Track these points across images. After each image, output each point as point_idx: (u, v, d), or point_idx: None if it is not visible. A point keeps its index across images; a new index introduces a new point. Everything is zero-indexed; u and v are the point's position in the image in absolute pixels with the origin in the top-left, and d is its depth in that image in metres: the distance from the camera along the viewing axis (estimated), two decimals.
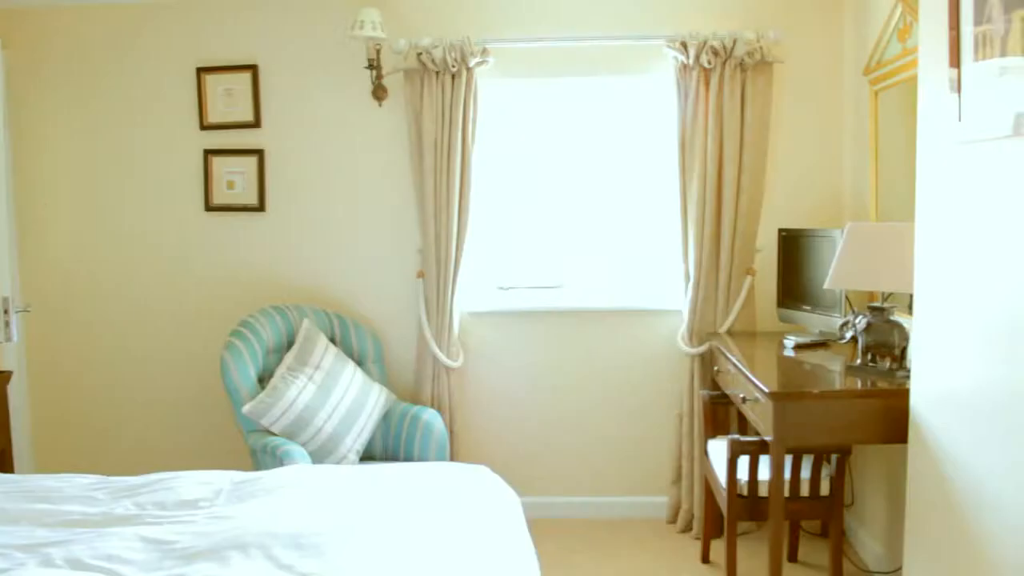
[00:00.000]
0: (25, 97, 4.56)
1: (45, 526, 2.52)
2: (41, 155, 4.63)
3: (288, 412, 3.74)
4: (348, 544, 2.28)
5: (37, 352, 4.69)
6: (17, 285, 4.27)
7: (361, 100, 4.36)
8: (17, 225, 4.54)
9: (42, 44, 4.57)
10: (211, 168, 4.51)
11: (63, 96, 4.60)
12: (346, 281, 4.51)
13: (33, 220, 4.66)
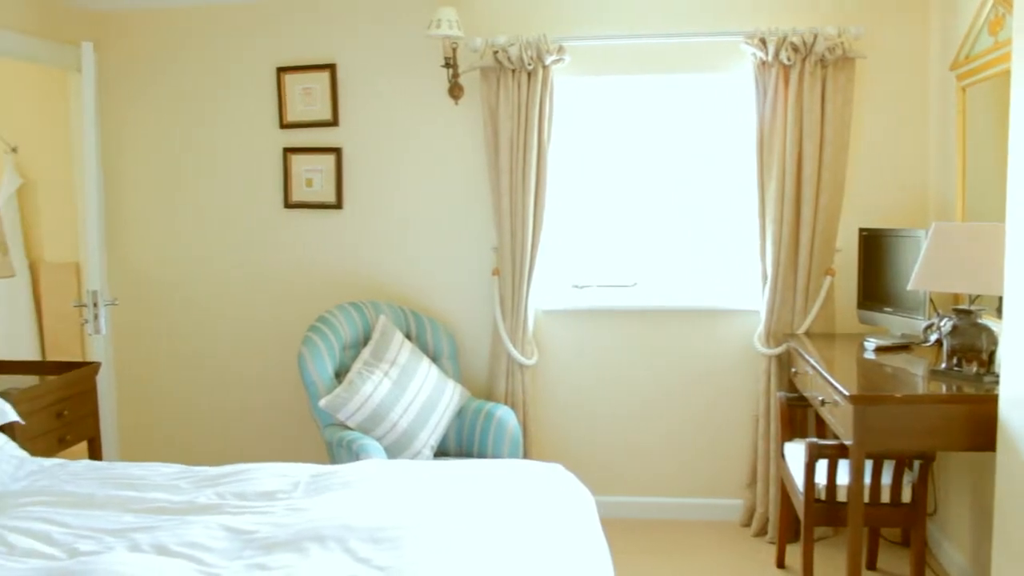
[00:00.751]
0: (114, 97, 4.71)
1: (132, 512, 2.60)
2: (128, 154, 4.78)
3: (364, 407, 3.79)
4: (424, 539, 2.30)
5: (123, 344, 4.84)
6: (105, 280, 4.40)
7: (437, 98, 4.39)
8: (105, 222, 4.69)
9: (131, 46, 4.71)
10: (290, 166, 4.60)
11: (149, 96, 4.73)
12: (422, 278, 4.55)
13: (120, 217, 4.81)
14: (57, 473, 3.00)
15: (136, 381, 4.88)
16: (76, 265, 5.20)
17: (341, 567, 2.17)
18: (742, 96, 4.22)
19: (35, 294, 5.42)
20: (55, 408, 3.69)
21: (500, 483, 2.79)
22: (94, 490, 2.77)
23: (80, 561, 2.19)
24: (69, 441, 3.79)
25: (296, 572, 2.14)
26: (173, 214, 4.78)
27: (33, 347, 5.36)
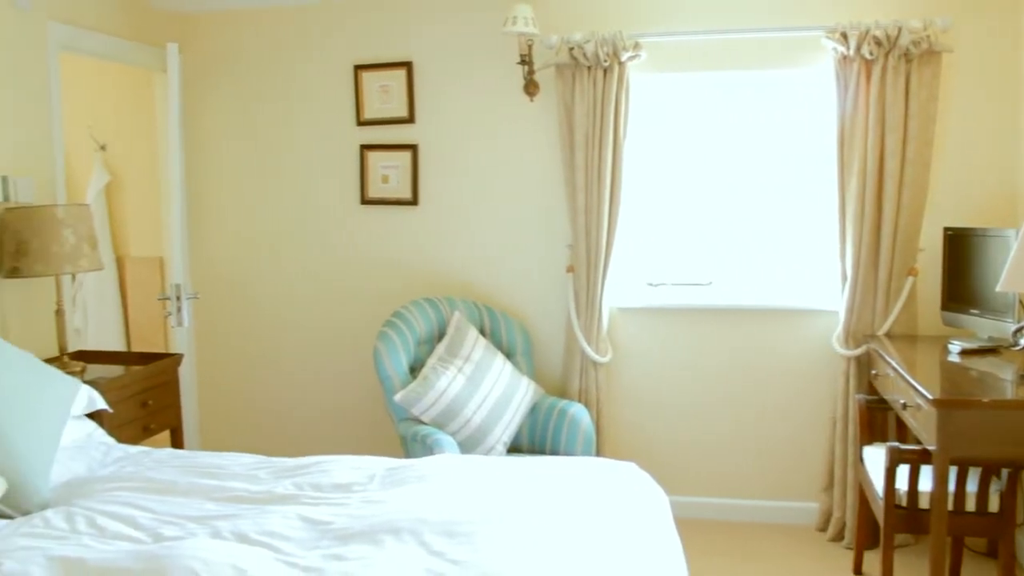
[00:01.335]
0: (197, 97, 4.83)
1: (213, 500, 2.66)
2: (210, 152, 4.90)
3: (438, 402, 3.82)
4: (498, 534, 2.31)
5: (204, 337, 4.97)
6: (188, 274, 4.51)
7: (513, 95, 4.40)
8: (188, 218, 4.82)
9: (214, 47, 4.83)
10: (367, 163, 4.66)
11: (231, 95, 4.84)
12: (496, 274, 4.57)
13: (202, 212, 4.93)
14: (142, 460, 3.09)
15: (215, 372, 5.01)
16: (160, 260, 5.35)
17: (416, 560, 2.19)
18: (821, 92, 4.14)
19: (121, 287, 5.59)
20: (140, 397, 3.81)
21: (574, 481, 2.79)
22: (177, 478, 2.84)
23: (165, 546, 2.25)
24: (153, 430, 3.90)
25: (372, 563, 2.17)
26: (253, 210, 4.88)
27: (119, 338, 5.53)
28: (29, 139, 3.88)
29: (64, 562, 2.18)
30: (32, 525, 2.48)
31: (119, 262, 5.58)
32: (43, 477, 2.71)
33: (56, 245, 3.54)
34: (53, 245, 3.54)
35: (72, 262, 3.60)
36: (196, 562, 2.11)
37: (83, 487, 2.79)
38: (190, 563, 2.11)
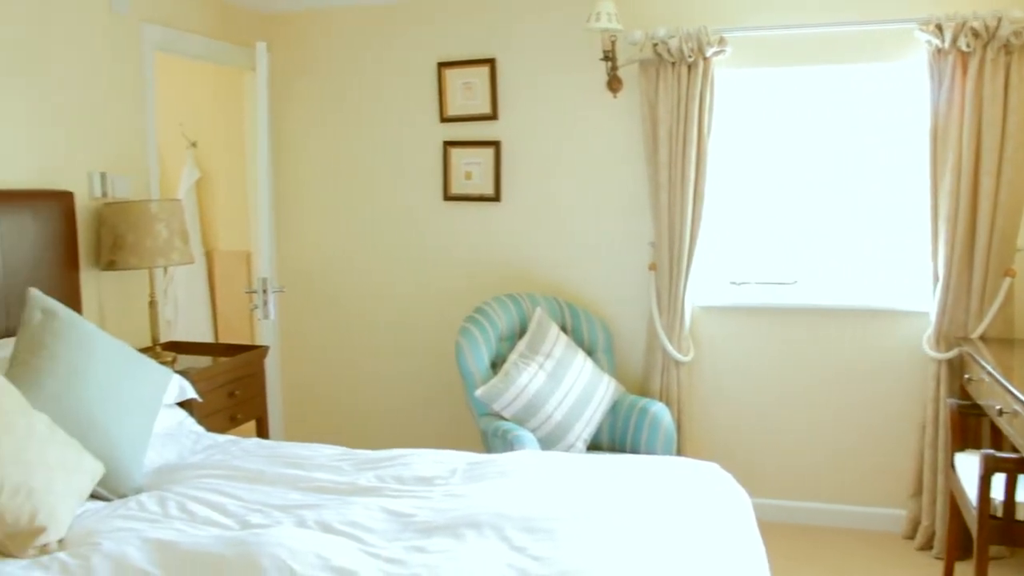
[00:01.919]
0: (285, 95, 4.93)
1: (298, 490, 2.71)
2: (296, 148, 4.99)
3: (519, 398, 3.83)
4: (579, 531, 2.30)
5: (289, 330, 5.07)
6: (274, 268, 4.61)
7: (596, 92, 4.37)
8: (274, 213, 4.92)
9: (300, 45, 4.92)
10: (450, 159, 4.69)
11: (317, 92, 4.93)
12: (578, 271, 4.56)
13: (288, 208, 5.03)
14: (230, 449, 3.17)
15: (299, 365, 5.10)
16: (247, 254, 5.48)
17: (497, 554, 2.20)
18: (913, 86, 4.02)
19: (210, 280, 5.74)
20: (227, 388, 3.90)
21: (655, 479, 2.76)
22: (263, 467, 2.90)
23: (252, 533, 2.29)
24: (239, 419, 3.99)
25: (454, 557, 2.18)
26: (338, 206, 4.96)
27: (207, 330, 5.68)
28: (125, 137, 4.01)
29: (158, 544, 2.24)
30: (128, 508, 2.57)
31: (208, 256, 5.73)
32: (138, 462, 2.80)
33: (150, 239, 3.65)
34: (147, 239, 3.65)
35: (165, 255, 3.71)
36: (282, 550, 2.15)
37: (174, 473, 2.88)
38: (277, 551, 2.15)
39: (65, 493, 2.42)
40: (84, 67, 3.77)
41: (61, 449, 2.49)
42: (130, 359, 2.98)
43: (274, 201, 4.95)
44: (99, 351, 2.84)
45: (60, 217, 3.54)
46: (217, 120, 5.63)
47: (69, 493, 2.44)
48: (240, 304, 5.56)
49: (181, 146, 5.70)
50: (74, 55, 3.71)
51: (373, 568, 2.12)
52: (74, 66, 3.71)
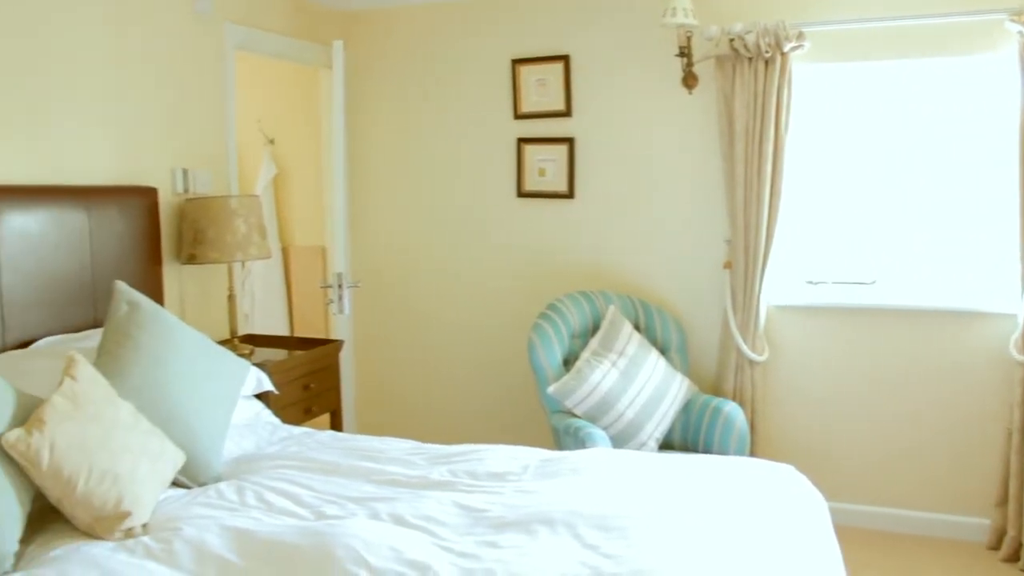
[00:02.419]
0: (360, 92, 4.99)
1: (372, 483, 2.74)
2: (371, 145, 5.05)
3: (591, 395, 3.82)
4: (652, 530, 2.28)
5: (363, 324, 5.13)
6: (349, 263, 4.67)
7: (670, 88, 4.33)
8: (350, 209, 4.98)
9: (375, 43, 4.98)
10: (524, 156, 4.69)
11: (392, 89, 4.98)
12: (652, 268, 4.52)
13: (363, 204, 5.09)
14: (305, 441, 3.22)
15: (372, 359, 5.17)
16: (322, 249, 5.56)
17: (569, 551, 2.19)
18: (1003, 79, 3.88)
19: (286, 275, 5.84)
20: (303, 380, 3.96)
21: (728, 480, 2.73)
22: (338, 459, 2.94)
23: (327, 524, 2.33)
24: (314, 412, 4.06)
25: (526, 553, 2.18)
26: (411, 202, 5.00)
27: (283, 323, 5.78)
28: (207, 134, 4.11)
29: (236, 532, 2.29)
30: (207, 496, 2.63)
31: (284, 251, 5.83)
32: (217, 452, 2.86)
33: (230, 234, 3.73)
34: (227, 234, 3.72)
35: (243, 250, 3.78)
36: (357, 541, 2.18)
37: (252, 463, 2.93)
38: (351, 542, 2.17)
39: (149, 480, 2.49)
40: (169, 67, 3.87)
41: (145, 437, 2.56)
42: (210, 351, 3.05)
43: (349, 197, 5.02)
44: (181, 343, 2.91)
45: (144, 212, 3.64)
46: (294, 117, 5.73)
47: (152, 480, 2.51)
48: (315, 298, 5.65)
49: (259, 143, 5.81)
50: (160, 55, 3.81)
51: (446, 562, 2.13)
52: (159, 66, 3.82)
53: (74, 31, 3.41)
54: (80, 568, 2.13)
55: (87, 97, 3.48)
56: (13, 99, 3.18)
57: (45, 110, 3.30)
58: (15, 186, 3.14)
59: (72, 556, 2.21)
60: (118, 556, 2.21)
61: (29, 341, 3.13)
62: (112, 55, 3.58)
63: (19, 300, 3.10)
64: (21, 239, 3.10)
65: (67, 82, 3.39)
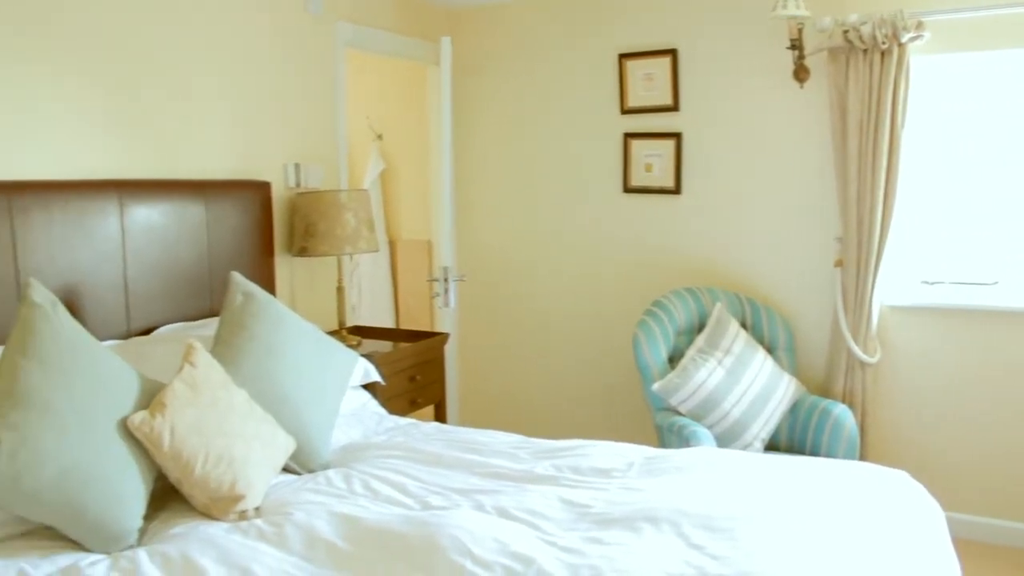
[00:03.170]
0: (466, 87, 5.04)
1: (476, 475, 2.76)
2: (477, 140, 5.09)
3: (696, 393, 3.77)
4: (759, 532, 2.23)
5: (467, 317, 5.19)
6: (455, 257, 4.72)
7: (781, 81, 4.24)
8: (455, 203, 5.04)
9: (482, 38, 5.02)
10: (630, 151, 4.66)
11: (498, 85, 5.01)
12: (759, 266, 4.43)
13: (469, 199, 5.14)
14: (411, 432, 3.27)
15: (476, 352, 5.21)
16: (428, 243, 5.64)
17: (674, 550, 2.17)
18: None
19: (392, 268, 5.95)
20: (408, 372, 4.02)
21: (838, 485, 2.65)
22: (442, 451, 2.98)
23: (433, 514, 2.36)
24: (419, 404, 4.12)
25: (630, 550, 2.17)
26: (517, 197, 5.03)
27: (389, 315, 5.89)
28: (318, 130, 4.21)
29: (344, 518, 2.34)
30: (316, 482, 2.69)
31: (391, 244, 5.94)
32: (326, 440, 2.93)
33: (339, 227, 3.81)
34: (337, 227, 3.81)
35: (352, 243, 3.86)
36: (462, 532, 2.20)
37: (359, 452, 2.99)
38: (456, 532, 2.20)
39: (261, 465, 2.57)
40: (283, 66, 3.98)
41: (258, 424, 2.64)
42: (321, 342, 3.13)
43: (455, 192, 5.07)
44: (293, 333, 2.99)
45: (258, 206, 3.76)
46: (401, 113, 5.82)
47: (265, 465, 2.59)
48: (420, 291, 5.74)
49: (367, 138, 5.92)
50: (274, 56, 3.93)
51: (550, 556, 2.13)
52: (274, 66, 3.93)
53: (194, 36, 3.55)
54: (198, 546, 2.21)
55: (206, 97, 3.61)
56: (139, 101, 3.33)
57: (167, 110, 3.45)
58: (140, 180, 3.28)
59: (190, 534, 2.30)
60: (232, 537, 2.29)
61: (151, 328, 3.27)
62: (230, 57, 3.71)
63: (142, 289, 3.24)
64: (145, 232, 3.24)
65: (188, 83, 3.53)
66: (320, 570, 2.13)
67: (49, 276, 2.88)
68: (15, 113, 2.91)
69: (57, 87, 3.03)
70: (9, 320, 2.54)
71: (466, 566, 2.08)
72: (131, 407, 2.42)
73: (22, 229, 2.83)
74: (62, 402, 2.27)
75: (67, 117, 3.07)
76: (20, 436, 2.18)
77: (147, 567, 2.12)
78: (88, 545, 2.25)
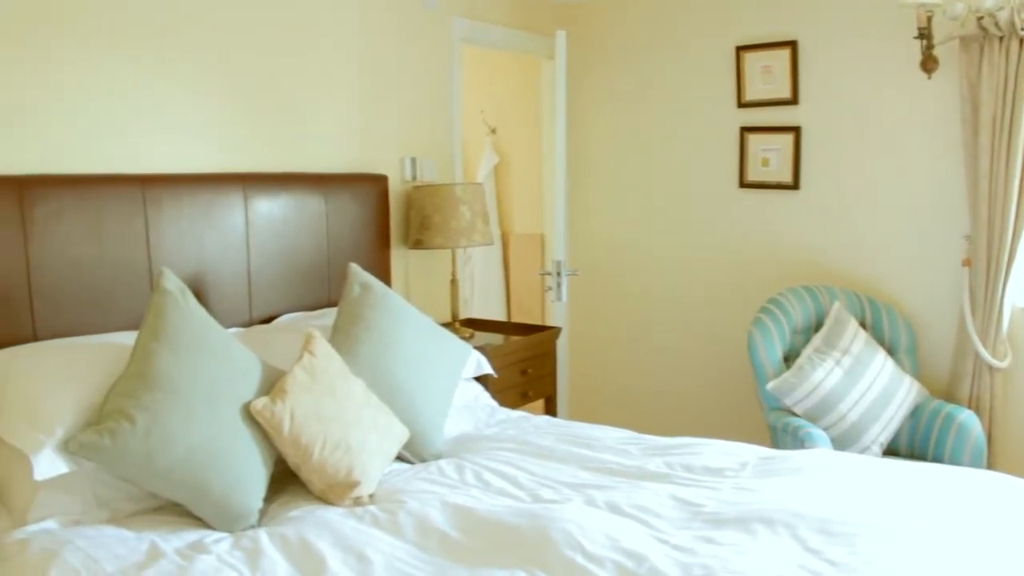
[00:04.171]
0: (580, 81, 5.03)
1: (587, 470, 2.75)
2: (591, 134, 5.08)
3: (812, 394, 3.68)
4: (879, 539, 2.16)
5: (578, 312, 5.18)
6: (567, 251, 4.72)
7: (907, 73, 4.07)
8: (569, 197, 5.04)
9: (596, 32, 5.01)
10: (746, 145, 4.57)
11: (611, 78, 4.99)
12: (880, 264, 4.28)
13: (582, 193, 5.14)
14: (522, 425, 3.29)
15: (586, 347, 5.21)
16: (541, 236, 5.65)
17: (790, 554, 2.11)
18: None
19: (505, 261, 5.99)
20: (520, 366, 4.05)
21: (965, 494, 2.53)
22: (553, 444, 2.98)
23: (544, 507, 2.37)
24: (530, 397, 4.14)
25: (744, 552, 2.13)
26: (630, 191, 5.00)
27: (500, 308, 5.94)
28: (434, 124, 4.27)
29: (457, 509, 2.37)
30: (429, 472, 2.74)
31: (504, 238, 5.98)
32: (439, 430, 2.98)
33: (454, 220, 3.86)
34: (452, 220, 3.86)
35: (467, 236, 3.90)
36: (573, 526, 2.20)
37: (471, 443, 3.03)
38: (568, 526, 2.20)
39: (376, 453, 2.62)
40: (400, 62, 4.06)
41: (374, 412, 2.70)
42: (435, 333, 3.17)
43: (569, 186, 5.07)
44: (408, 324, 3.05)
45: (376, 199, 3.83)
46: (515, 107, 5.85)
47: (379, 453, 2.64)
48: (532, 285, 5.76)
49: (481, 132, 5.97)
50: (392, 50, 4.01)
51: (662, 554, 2.11)
52: (391, 60, 4.01)
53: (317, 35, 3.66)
54: (315, 529, 2.27)
55: (328, 92, 3.72)
56: (263, 97, 3.46)
57: (289, 105, 3.57)
58: (263, 173, 3.40)
59: (308, 518, 2.37)
60: (348, 522, 2.34)
61: (271, 317, 3.38)
62: (350, 54, 3.81)
63: (264, 279, 3.36)
64: (267, 223, 3.35)
65: (310, 79, 3.64)
66: (432, 558, 2.17)
67: (178, 264, 3.01)
68: (148, 111, 3.05)
69: (187, 85, 3.17)
70: (143, 306, 2.66)
71: (577, 560, 2.07)
72: (253, 392, 2.51)
73: (154, 219, 2.97)
74: (190, 385, 2.38)
75: (195, 113, 3.21)
76: (152, 416, 2.29)
77: (267, 547, 2.20)
78: (212, 523, 2.35)
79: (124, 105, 2.98)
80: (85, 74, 2.87)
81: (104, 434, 2.24)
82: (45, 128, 2.78)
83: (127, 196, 2.90)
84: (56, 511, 2.30)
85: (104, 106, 2.93)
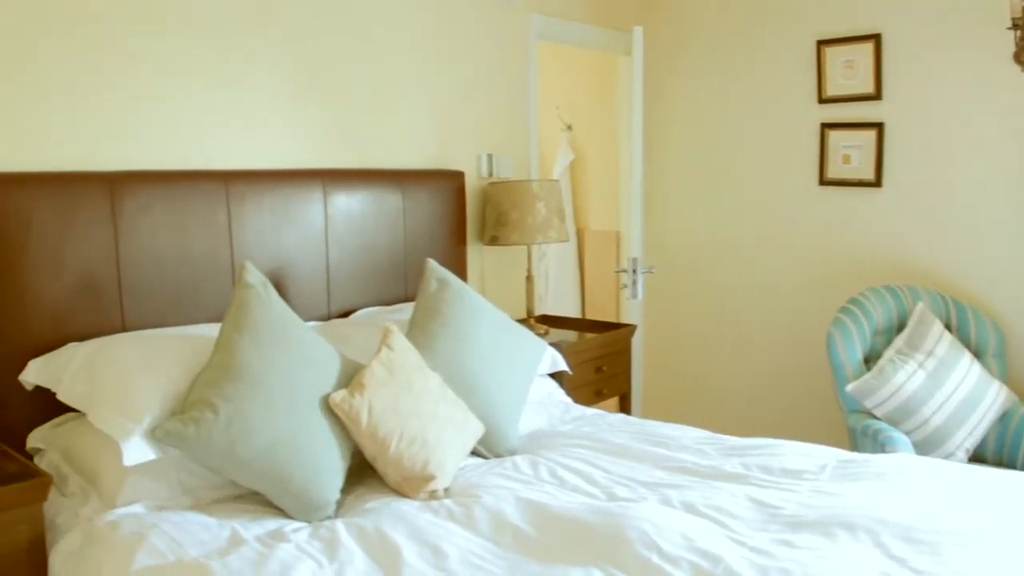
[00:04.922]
0: (657, 77, 4.99)
1: (662, 469, 2.73)
2: (668, 130, 5.03)
3: (894, 397, 3.59)
4: (967, 550, 2.09)
5: (654, 310, 5.15)
6: (643, 249, 4.69)
7: (998, 66, 3.95)
8: (645, 194, 5.00)
9: (673, 27, 4.97)
10: (827, 142, 4.48)
11: (689, 74, 4.94)
12: (967, 264, 4.16)
13: (659, 190, 5.09)
14: (597, 422, 3.28)
15: (661, 345, 5.17)
16: (616, 234, 5.62)
17: (872, 561, 2.06)
18: None
19: (580, 258, 5.98)
20: (595, 363, 4.04)
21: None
22: (628, 442, 2.96)
23: (619, 505, 2.35)
24: (604, 394, 4.12)
25: (824, 556, 2.08)
26: (708, 188, 4.94)
27: (574, 305, 5.93)
28: (510, 121, 4.28)
29: (531, 504, 2.37)
30: (503, 467, 2.74)
31: (579, 234, 5.97)
32: (513, 426, 2.99)
33: (530, 217, 3.86)
34: (528, 217, 3.86)
35: (543, 233, 3.90)
36: (648, 525, 2.18)
37: (545, 440, 3.03)
38: (643, 525, 2.18)
39: (452, 447, 2.64)
40: (477, 59, 4.08)
41: (450, 407, 2.72)
42: (510, 329, 3.18)
43: (645, 183, 5.03)
44: (485, 320, 3.06)
45: (452, 195, 3.86)
46: (591, 104, 5.83)
47: (455, 448, 2.66)
48: (606, 282, 5.74)
49: (557, 129, 5.97)
50: (469, 48, 4.03)
51: (738, 556, 2.08)
52: (468, 58, 4.04)
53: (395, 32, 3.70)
54: (391, 521, 2.30)
55: (406, 89, 3.76)
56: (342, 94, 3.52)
57: (368, 103, 3.62)
58: (342, 170, 3.45)
59: (384, 510, 2.40)
60: (423, 515, 2.36)
61: (349, 311, 3.44)
62: (428, 52, 3.84)
63: (343, 273, 3.41)
64: (346, 218, 3.40)
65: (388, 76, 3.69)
66: (507, 553, 2.17)
67: (259, 258, 3.07)
68: (231, 109, 3.13)
69: (268, 83, 3.24)
70: (226, 299, 2.72)
71: (652, 559, 2.06)
72: (332, 385, 2.55)
73: (236, 214, 3.03)
74: (271, 377, 2.42)
75: (276, 110, 3.27)
76: (235, 407, 2.34)
77: (344, 537, 2.23)
78: (291, 512, 2.40)
79: (210, 102, 3.06)
80: (175, 72, 2.95)
81: (188, 423, 2.31)
82: (135, 126, 2.87)
83: (210, 191, 2.97)
84: (143, 496, 2.38)
85: (191, 104, 3.01)
